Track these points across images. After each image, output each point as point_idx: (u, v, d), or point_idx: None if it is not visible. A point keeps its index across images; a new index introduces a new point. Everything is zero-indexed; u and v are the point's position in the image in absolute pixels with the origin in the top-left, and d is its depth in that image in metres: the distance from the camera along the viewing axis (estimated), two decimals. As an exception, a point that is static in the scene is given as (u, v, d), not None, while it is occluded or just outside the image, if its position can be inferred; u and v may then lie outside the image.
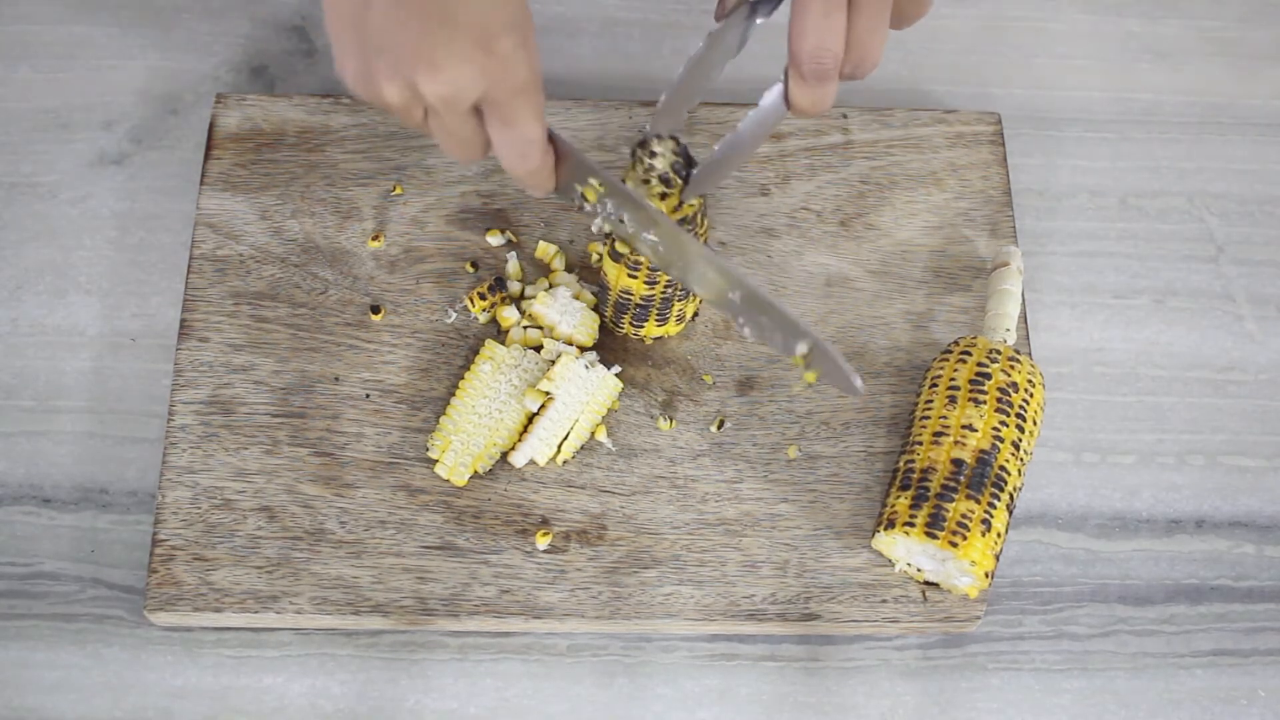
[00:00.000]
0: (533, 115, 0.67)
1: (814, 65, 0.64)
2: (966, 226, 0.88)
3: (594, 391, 0.79)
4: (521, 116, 0.67)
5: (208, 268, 0.84)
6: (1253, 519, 0.83)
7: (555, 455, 0.79)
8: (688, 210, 0.73)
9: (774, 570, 0.77)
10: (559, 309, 0.81)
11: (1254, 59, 0.99)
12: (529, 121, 0.67)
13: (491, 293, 0.82)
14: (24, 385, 0.83)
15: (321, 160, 0.87)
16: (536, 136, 0.68)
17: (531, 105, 0.67)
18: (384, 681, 0.76)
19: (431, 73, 0.64)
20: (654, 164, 0.71)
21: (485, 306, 0.82)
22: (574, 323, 0.81)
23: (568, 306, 0.82)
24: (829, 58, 0.64)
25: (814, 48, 0.63)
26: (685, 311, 0.82)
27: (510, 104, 0.66)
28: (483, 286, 0.83)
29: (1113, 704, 0.78)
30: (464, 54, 0.64)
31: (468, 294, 0.83)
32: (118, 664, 0.76)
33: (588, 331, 0.81)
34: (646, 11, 0.98)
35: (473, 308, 0.82)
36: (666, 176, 0.71)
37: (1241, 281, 0.90)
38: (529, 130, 0.67)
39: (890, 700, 0.77)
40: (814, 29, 0.63)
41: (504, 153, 0.68)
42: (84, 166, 0.90)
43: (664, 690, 0.77)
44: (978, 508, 0.73)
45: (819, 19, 0.63)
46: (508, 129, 0.67)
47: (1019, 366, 0.77)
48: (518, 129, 0.67)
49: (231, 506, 0.77)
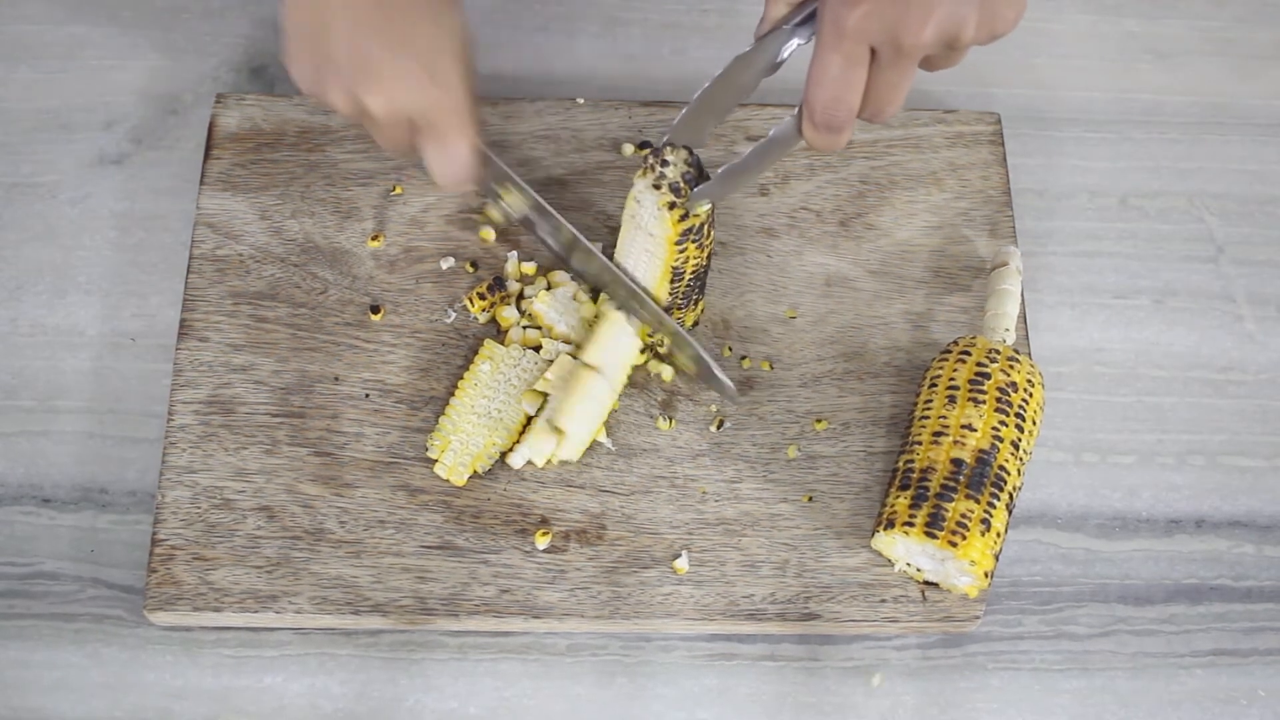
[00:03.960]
0: (463, 135, 0.75)
1: (826, 117, 0.64)
2: (966, 226, 0.88)
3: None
4: (453, 136, 0.75)
5: (208, 268, 0.84)
6: (1253, 519, 0.83)
7: (553, 457, 0.79)
8: (693, 220, 0.73)
9: (773, 570, 0.77)
10: (558, 309, 0.81)
11: (1254, 59, 0.99)
12: (459, 141, 0.75)
13: (491, 293, 0.82)
14: (24, 385, 0.83)
15: (321, 160, 0.87)
16: (464, 154, 0.76)
17: (463, 126, 0.75)
18: (384, 681, 0.77)
19: (377, 89, 0.72)
20: (665, 172, 0.72)
21: (485, 306, 0.82)
22: (572, 323, 0.81)
23: (566, 306, 0.82)
24: (843, 111, 0.63)
25: (830, 100, 0.63)
26: (685, 320, 0.82)
27: (444, 124, 0.74)
28: (482, 286, 0.83)
29: (1112, 704, 0.78)
30: (410, 76, 0.72)
31: (467, 294, 0.83)
32: (117, 664, 0.76)
33: (585, 331, 0.81)
34: (646, 11, 0.98)
35: (472, 308, 0.83)
36: (676, 186, 0.72)
37: (1241, 281, 0.90)
38: (458, 149, 0.75)
39: (890, 700, 0.77)
40: (833, 81, 0.62)
41: (433, 165, 0.76)
42: (84, 166, 0.90)
43: (664, 690, 0.77)
44: (977, 507, 0.73)
45: (839, 70, 0.62)
46: (439, 145, 0.75)
47: (1018, 366, 0.77)
48: (449, 147, 0.75)
49: (231, 506, 0.77)
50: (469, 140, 0.75)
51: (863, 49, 0.62)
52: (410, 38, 0.72)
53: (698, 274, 0.78)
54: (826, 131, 0.64)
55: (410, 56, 0.72)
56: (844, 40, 0.61)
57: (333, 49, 0.72)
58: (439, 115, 0.74)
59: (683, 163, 0.72)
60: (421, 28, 0.72)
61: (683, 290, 0.78)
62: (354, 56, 0.72)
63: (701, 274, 0.79)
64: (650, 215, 0.74)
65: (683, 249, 0.75)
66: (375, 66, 0.72)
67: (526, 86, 0.93)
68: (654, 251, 0.76)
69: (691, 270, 0.77)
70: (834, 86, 0.63)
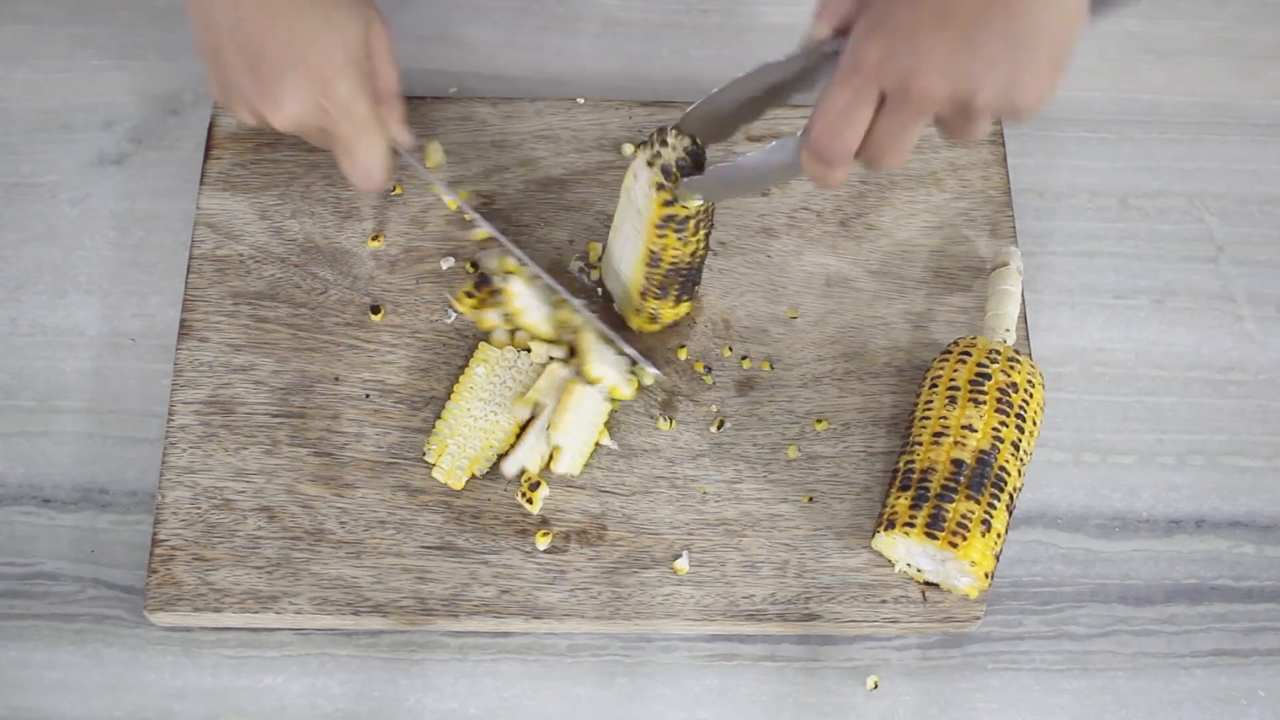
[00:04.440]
0: (368, 147, 0.77)
1: (820, 147, 0.62)
2: (966, 226, 0.88)
3: (596, 413, 0.79)
4: (359, 149, 0.77)
5: (208, 268, 0.84)
6: (1253, 519, 0.83)
7: (549, 462, 0.78)
8: (679, 210, 0.72)
9: (774, 570, 0.77)
10: (530, 294, 0.81)
11: (1254, 59, 0.99)
12: (365, 152, 0.77)
13: (478, 290, 0.82)
14: (24, 385, 0.83)
15: (321, 160, 0.87)
16: (373, 164, 0.78)
17: (367, 139, 0.76)
18: (384, 681, 0.77)
19: (276, 110, 0.74)
20: (662, 152, 0.71)
21: (474, 304, 0.82)
22: (542, 315, 0.81)
23: (542, 294, 0.81)
24: (839, 146, 0.62)
25: (827, 131, 0.62)
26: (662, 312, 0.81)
27: (348, 139, 0.76)
28: (469, 284, 0.82)
29: (1113, 704, 0.78)
30: (304, 94, 0.74)
31: (455, 293, 0.83)
32: (117, 664, 0.76)
33: (556, 326, 0.81)
34: (646, 11, 0.98)
35: (461, 306, 0.82)
36: (668, 168, 0.71)
37: (1241, 281, 0.90)
38: (366, 159, 0.77)
39: (890, 700, 0.77)
40: (836, 114, 0.61)
41: (347, 173, 0.78)
42: (84, 166, 0.90)
43: (664, 690, 0.77)
44: (978, 508, 0.73)
45: (845, 105, 0.61)
46: (348, 158, 0.77)
47: (1019, 367, 0.77)
48: (358, 160, 0.77)
49: (231, 506, 0.77)
50: (375, 148, 0.77)
51: (873, 90, 0.60)
52: (300, 50, 0.73)
53: (677, 268, 0.77)
54: (819, 162, 0.63)
55: (300, 71, 0.73)
56: (856, 76, 0.60)
57: (229, 70, 0.74)
58: (339, 127, 0.75)
59: (682, 149, 0.71)
60: (312, 36, 0.73)
61: (659, 279, 0.77)
62: (249, 75, 0.73)
63: (684, 270, 0.77)
64: (641, 192, 0.73)
65: (662, 234, 0.74)
66: (268, 85, 0.73)
67: (526, 86, 0.93)
68: (640, 230, 0.75)
69: (670, 261, 0.76)
70: (835, 119, 0.61)
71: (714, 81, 0.69)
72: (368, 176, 0.78)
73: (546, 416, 0.78)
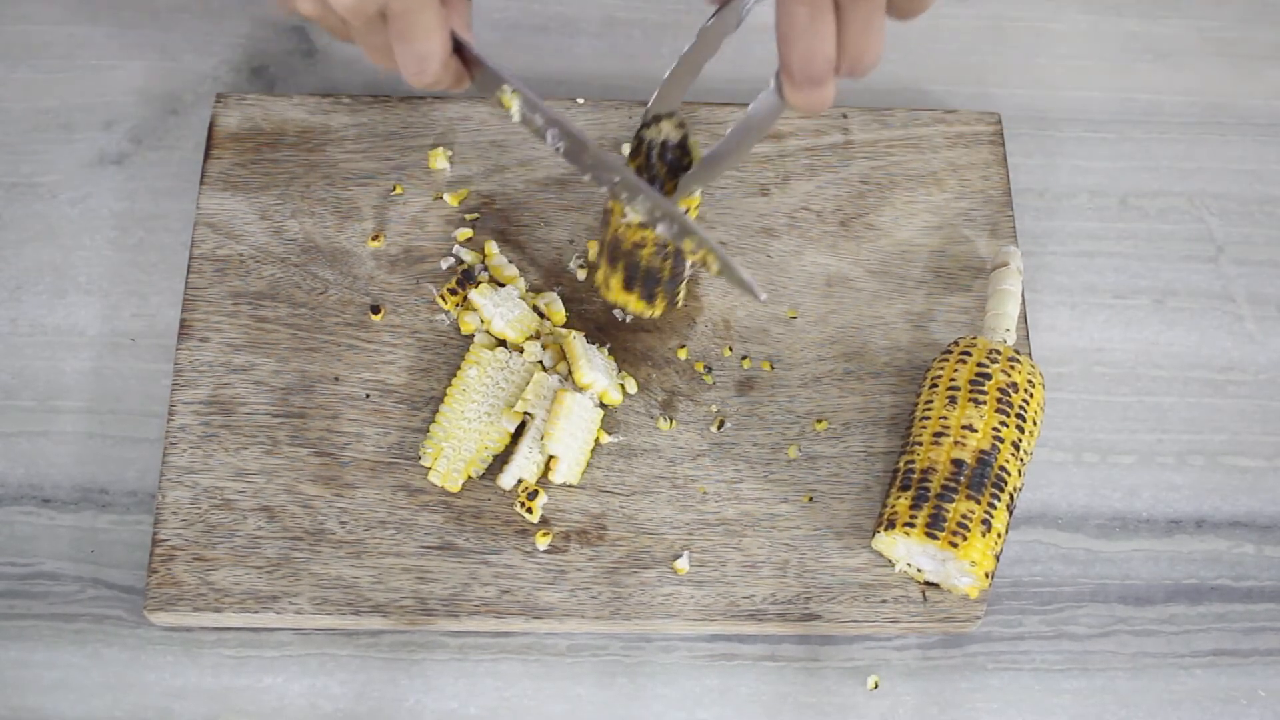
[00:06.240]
0: (427, 30, 0.68)
1: (805, 72, 0.62)
2: (966, 226, 0.88)
3: (589, 421, 0.79)
4: (418, 31, 0.68)
5: (208, 268, 0.84)
6: (1253, 519, 0.83)
7: (547, 471, 0.78)
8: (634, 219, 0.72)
9: (774, 570, 0.77)
10: (495, 300, 0.81)
11: (1254, 59, 0.99)
12: (424, 36, 0.68)
13: (461, 286, 0.82)
14: (24, 385, 0.83)
15: (321, 160, 0.87)
16: (432, 51, 0.68)
17: (426, 20, 0.68)
18: (384, 681, 0.77)
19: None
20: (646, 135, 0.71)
21: (457, 302, 0.82)
22: (509, 318, 0.80)
23: (505, 299, 0.81)
24: (820, 62, 0.61)
25: (803, 54, 0.61)
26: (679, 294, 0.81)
27: (406, 18, 0.67)
28: (452, 281, 0.82)
29: (1113, 704, 0.78)
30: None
31: (438, 291, 0.83)
32: (118, 664, 0.76)
33: (521, 330, 0.81)
34: (646, 11, 0.98)
35: (444, 304, 0.82)
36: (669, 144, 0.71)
37: (1241, 281, 0.90)
38: (424, 45, 0.68)
39: (890, 700, 0.77)
40: (801, 34, 0.61)
41: (402, 64, 0.69)
42: (84, 166, 0.90)
43: (664, 690, 0.77)
44: (978, 508, 0.73)
45: (805, 23, 0.61)
46: (404, 43, 0.68)
47: (1019, 367, 0.77)
48: (415, 43, 0.68)
49: (231, 506, 0.77)
50: (438, 36, 0.69)
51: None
52: None
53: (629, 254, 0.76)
54: (809, 86, 0.62)
55: None
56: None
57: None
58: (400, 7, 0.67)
59: (674, 127, 0.71)
60: None
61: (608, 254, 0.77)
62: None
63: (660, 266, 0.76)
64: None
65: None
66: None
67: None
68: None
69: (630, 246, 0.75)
70: (806, 37, 0.61)
71: (713, 81, 0.69)
72: (421, 64, 0.69)
73: (538, 426, 0.78)
